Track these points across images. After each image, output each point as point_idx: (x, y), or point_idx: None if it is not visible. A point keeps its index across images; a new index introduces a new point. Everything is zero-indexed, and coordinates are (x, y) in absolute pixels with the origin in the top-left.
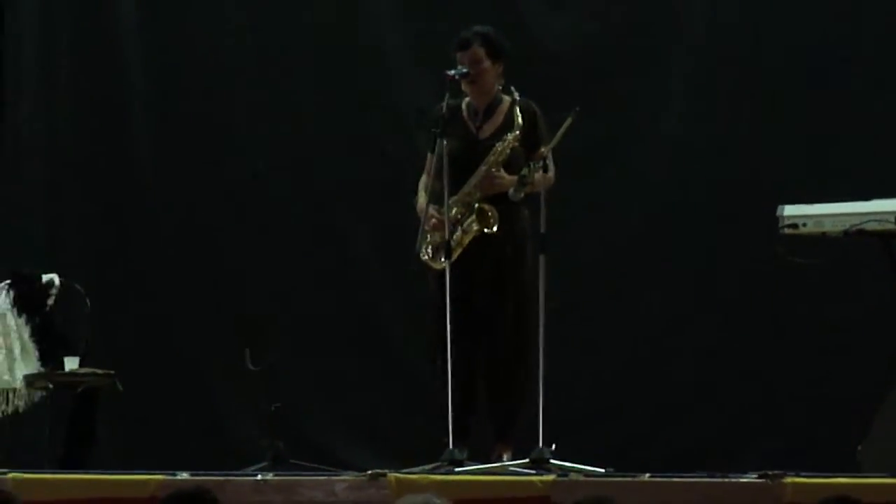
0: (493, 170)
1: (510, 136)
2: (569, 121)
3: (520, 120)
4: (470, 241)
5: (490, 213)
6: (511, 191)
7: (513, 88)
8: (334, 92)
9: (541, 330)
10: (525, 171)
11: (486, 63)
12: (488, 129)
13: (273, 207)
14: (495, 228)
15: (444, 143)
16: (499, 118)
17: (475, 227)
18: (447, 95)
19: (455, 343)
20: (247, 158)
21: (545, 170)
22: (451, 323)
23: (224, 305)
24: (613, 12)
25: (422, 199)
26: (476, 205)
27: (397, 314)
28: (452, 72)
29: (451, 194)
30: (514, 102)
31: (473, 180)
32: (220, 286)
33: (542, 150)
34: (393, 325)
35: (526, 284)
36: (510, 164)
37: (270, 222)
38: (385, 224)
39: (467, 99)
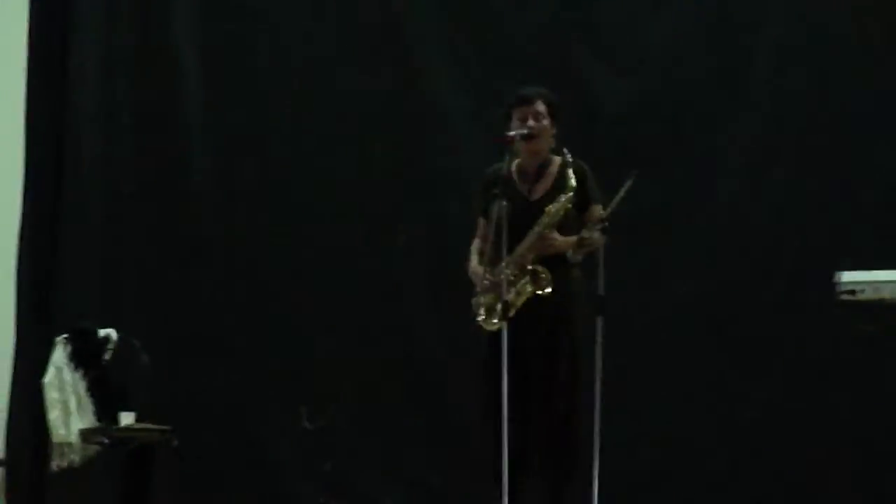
0: (547, 232)
1: (564, 198)
2: (628, 184)
3: (573, 181)
4: (523, 303)
5: (543, 275)
6: (570, 252)
7: (565, 150)
8: (393, 149)
9: (597, 393)
10: (585, 232)
11: (547, 121)
12: (540, 191)
13: (332, 259)
14: (548, 290)
15: (504, 204)
16: (549, 179)
17: (529, 288)
18: (508, 157)
19: (508, 406)
20: (306, 202)
21: (604, 231)
22: (504, 385)
23: (285, 358)
24: (675, 75)
25: (474, 261)
26: (529, 266)
27: (453, 372)
28: (514, 132)
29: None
30: (564, 163)
31: (527, 242)
32: (279, 339)
33: (602, 212)
34: (449, 383)
35: (579, 346)
36: (562, 226)
37: (329, 274)
38: (442, 285)
39: (517, 160)
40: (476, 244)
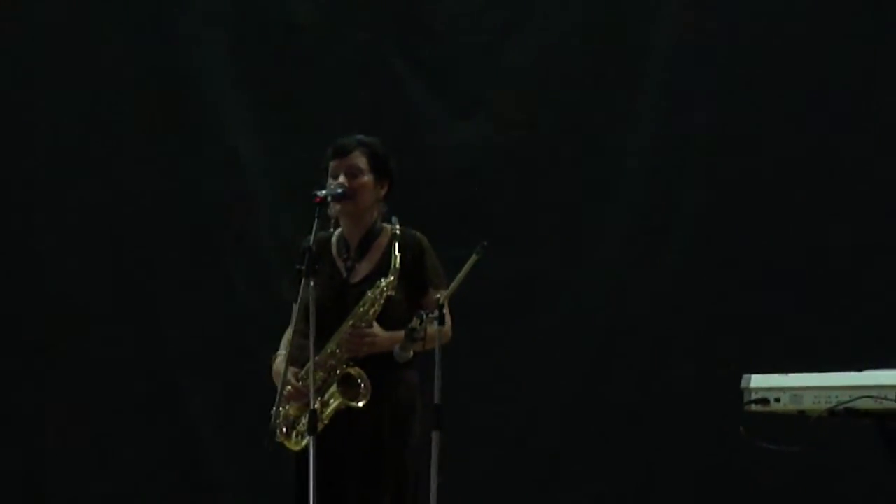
0: (363, 325)
1: (384, 282)
2: (473, 259)
3: (397, 262)
4: (338, 416)
5: (358, 381)
6: (396, 349)
7: (394, 218)
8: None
9: None
10: (415, 323)
11: (367, 177)
12: (362, 271)
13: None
14: (361, 403)
15: (312, 285)
16: (376, 255)
17: (335, 400)
18: (316, 225)
19: None
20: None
21: (441, 321)
22: None
23: None
24: (541, 120)
25: (279, 360)
26: (339, 370)
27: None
28: (323, 192)
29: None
30: (393, 236)
31: (336, 338)
32: None
33: (437, 296)
34: None
35: (410, 471)
36: (389, 316)
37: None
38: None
39: (338, 230)
40: (286, 336)
